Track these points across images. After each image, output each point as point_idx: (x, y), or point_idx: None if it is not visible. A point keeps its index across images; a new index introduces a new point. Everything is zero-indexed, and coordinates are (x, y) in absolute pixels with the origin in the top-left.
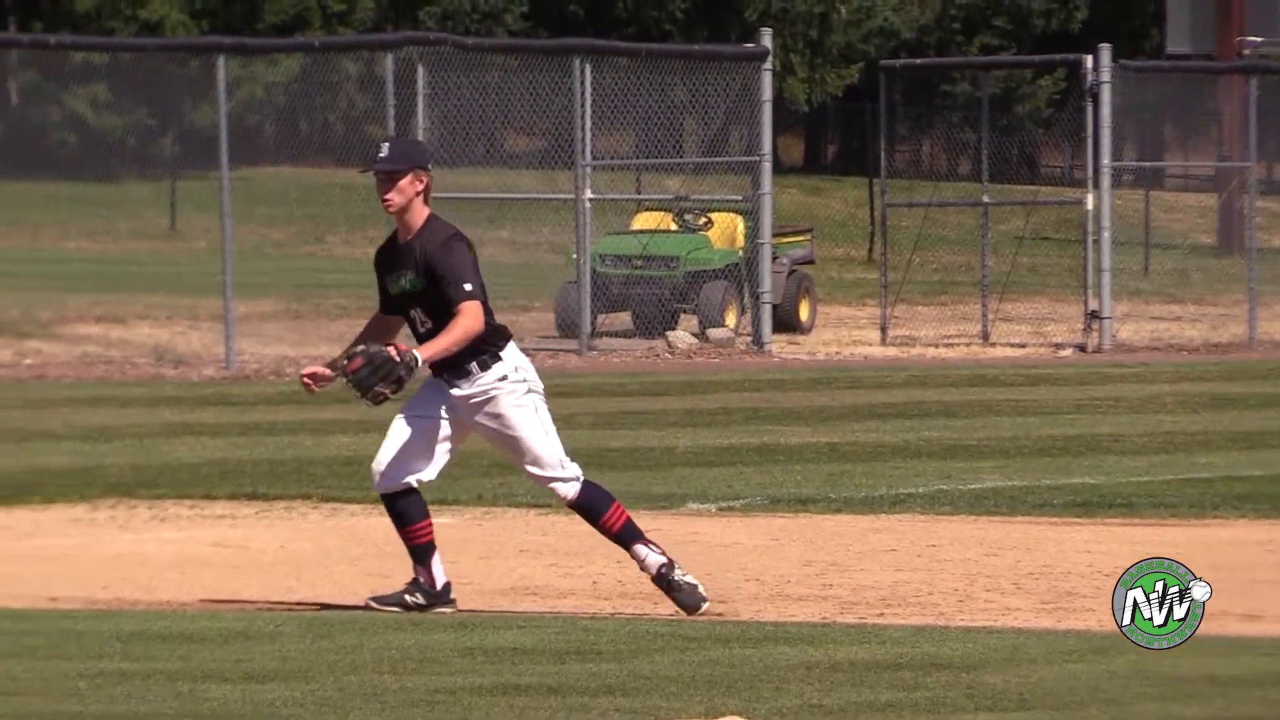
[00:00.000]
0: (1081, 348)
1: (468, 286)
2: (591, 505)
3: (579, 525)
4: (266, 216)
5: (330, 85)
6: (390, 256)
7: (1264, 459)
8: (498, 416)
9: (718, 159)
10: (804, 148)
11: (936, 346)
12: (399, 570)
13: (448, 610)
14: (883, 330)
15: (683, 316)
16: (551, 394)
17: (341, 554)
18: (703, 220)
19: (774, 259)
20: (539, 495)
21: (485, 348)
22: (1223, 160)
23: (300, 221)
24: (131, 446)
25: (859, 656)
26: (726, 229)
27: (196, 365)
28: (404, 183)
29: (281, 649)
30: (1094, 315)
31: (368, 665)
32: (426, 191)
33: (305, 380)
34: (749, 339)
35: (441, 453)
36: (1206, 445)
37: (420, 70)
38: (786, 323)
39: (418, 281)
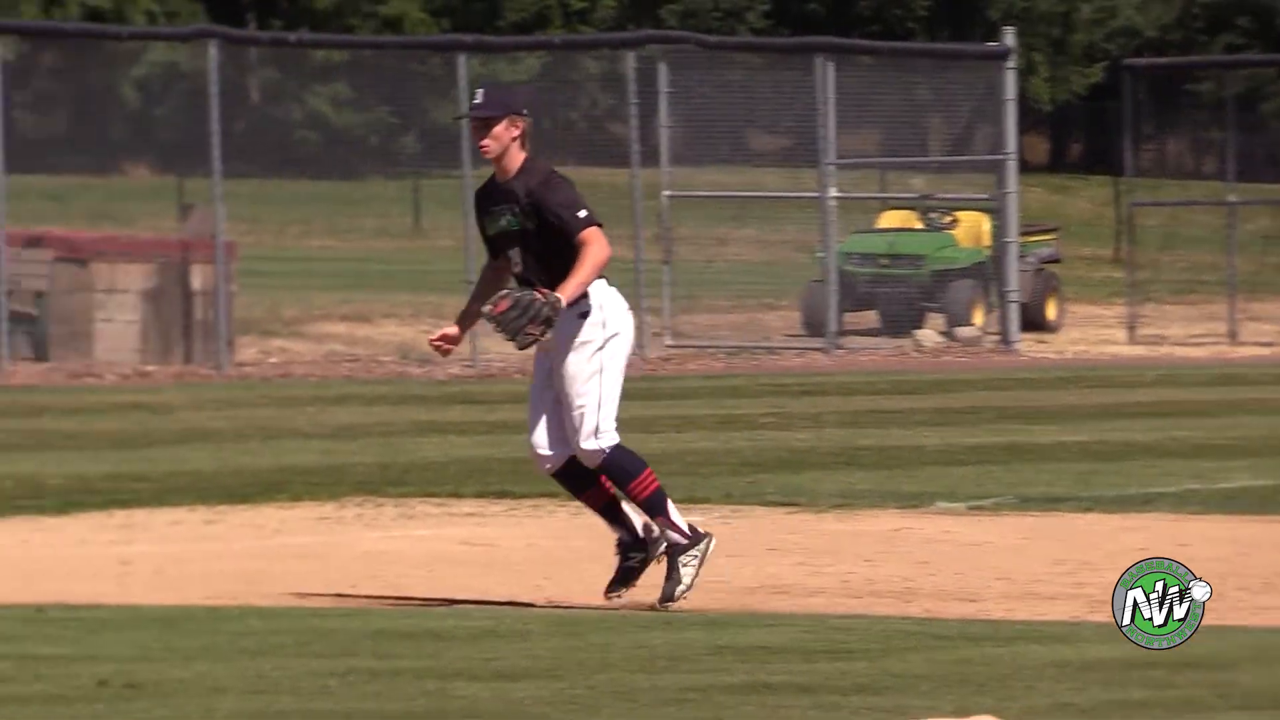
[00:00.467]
0: None
1: (582, 214)
2: (619, 470)
3: (829, 524)
4: None
5: (572, 83)
6: (489, 196)
7: None
8: (561, 356)
9: (962, 158)
10: (1049, 146)
11: (1184, 345)
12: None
13: (658, 552)
14: (1130, 329)
15: (929, 315)
16: (799, 393)
17: (589, 553)
18: (948, 219)
19: (1021, 258)
20: (788, 494)
21: None
22: None
23: None
24: (378, 445)
25: (1110, 655)
26: (972, 228)
27: (442, 364)
28: (499, 129)
29: (530, 647)
30: None
31: (618, 664)
32: (524, 137)
33: (435, 344)
34: (997, 338)
35: None
36: None
37: (662, 68)
38: (1034, 321)
39: (517, 220)
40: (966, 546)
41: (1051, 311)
